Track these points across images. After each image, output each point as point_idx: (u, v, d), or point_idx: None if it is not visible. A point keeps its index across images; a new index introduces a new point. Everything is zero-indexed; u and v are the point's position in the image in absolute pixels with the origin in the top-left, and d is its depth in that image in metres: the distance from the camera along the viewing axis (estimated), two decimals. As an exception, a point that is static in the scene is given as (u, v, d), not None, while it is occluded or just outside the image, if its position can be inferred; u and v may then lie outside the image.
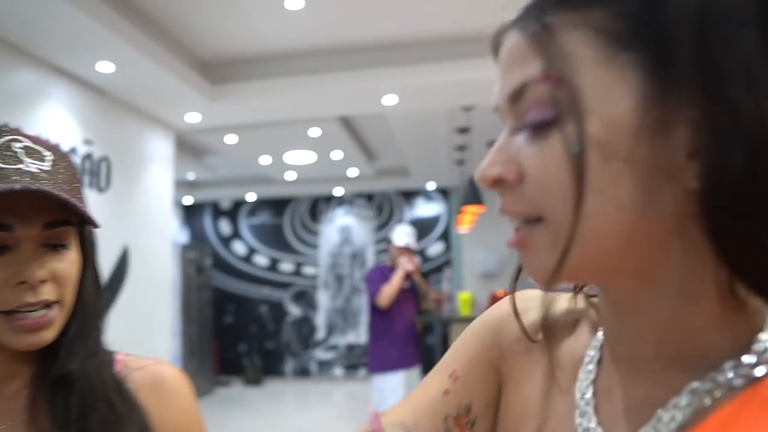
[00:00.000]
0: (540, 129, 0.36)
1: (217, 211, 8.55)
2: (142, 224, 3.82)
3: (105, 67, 3.13)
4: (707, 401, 0.34)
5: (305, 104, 3.91)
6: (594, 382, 0.43)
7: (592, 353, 0.45)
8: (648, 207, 0.34)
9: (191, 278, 7.35)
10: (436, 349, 7.58)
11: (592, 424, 0.41)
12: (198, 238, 8.44)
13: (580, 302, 0.49)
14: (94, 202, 3.23)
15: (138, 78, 3.32)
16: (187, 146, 5.77)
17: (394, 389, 4.00)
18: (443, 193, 8.11)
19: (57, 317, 0.65)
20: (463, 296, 4.44)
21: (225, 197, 8.41)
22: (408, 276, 4.11)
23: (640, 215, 0.34)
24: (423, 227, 7.99)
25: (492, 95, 0.41)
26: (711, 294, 0.35)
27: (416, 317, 4.25)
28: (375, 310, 4.13)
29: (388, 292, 3.98)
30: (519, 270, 0.47)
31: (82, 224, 0.70)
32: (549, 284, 0.37)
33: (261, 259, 8.38)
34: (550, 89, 0.35)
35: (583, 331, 0.48)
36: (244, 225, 8.47)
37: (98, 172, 3.40)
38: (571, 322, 0.49)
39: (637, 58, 0.33)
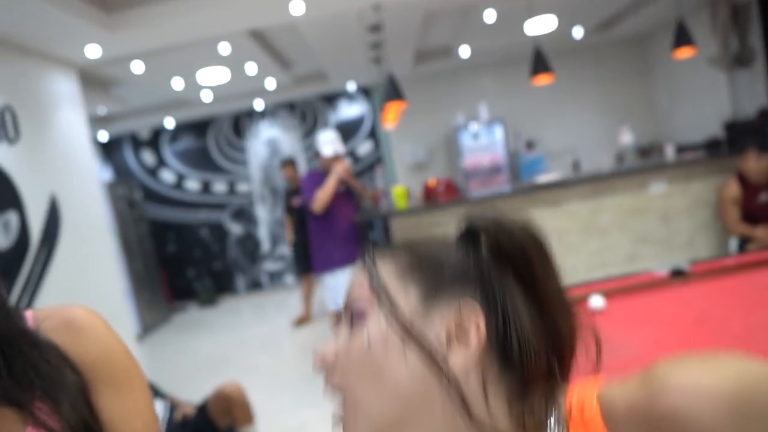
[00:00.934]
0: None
1: (137, 143, 8.26)
2: (63, 170, 3.72)
3: (-14, 9, 2.91)
4: None
5: (210, 22, 3.77)
6: None
7: None
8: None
9: (125, 214, 7.23)
10: (380, 241, 7.92)
11: None
12: (122, 173, 8.20)
13: None
14: (5, 155, 3.11)
15: (27, 18, 3.11)
16: (92, 80, 5.47)
17: (345, 285, 4.25)
18: (365, 92, 8.09)
19: None
20: (398, 190, 4.64)
21: (143, 127, 8.10)
22: (342, 180, 4.25)
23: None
24: (349, 128, 8.03)
25: None
26: None
27: (354, 216, 4.45)
28: (313, 215, 4.28)
29: (322, 197, 4.12)
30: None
31: None
32: None
33: (192, 184, 8.27)
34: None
35: None
36: (168, 152, 8.26)
37: (3, 123, 3.25)
38: None
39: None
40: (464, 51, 6.75)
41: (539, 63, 4.47)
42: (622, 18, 6.48)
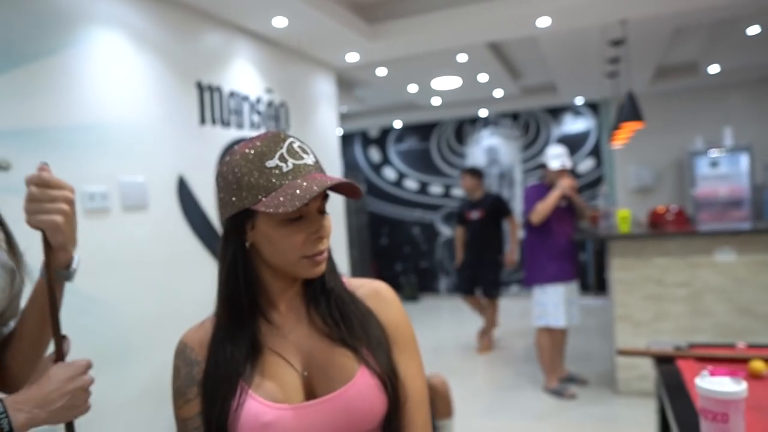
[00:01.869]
0: None
1: (367, 140, 8.99)
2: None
3: (279, 22, 3.46)
4: None
5: (457, 34, 4.01)
6: None
7: None
8: None
9: (349, 204, 7.94)
10: (589, 264, 7.60)
11: None
12: (350, 166, 8.99)
13: None
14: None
15: (307, 28, 3.62)
16: (341, 81, 6.11)
17: (555, 303, 4.19)
18: (592, 107, 7.81)
19: (326, 255, 0.96)
20: (622, 213, 4.43)
21: (373, 126, 8.79)
22: (565, 196, 4.20)
23: None
24: (572, 143, 7.82)
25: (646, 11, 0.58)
26: None
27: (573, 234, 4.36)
28: (531, 226, 4.29)
29: (542, 209, 4.12)
30: None
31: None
32: None
33: (411, 183, 8.76)
34: None
35: None
36: (393, 151, 8.85)
37: (279, 116, 3.83)
38: None
39: None
40: (713, 68, 6.17)
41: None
42: None
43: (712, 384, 1.17)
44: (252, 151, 0.89)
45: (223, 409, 0.89)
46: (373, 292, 1.03)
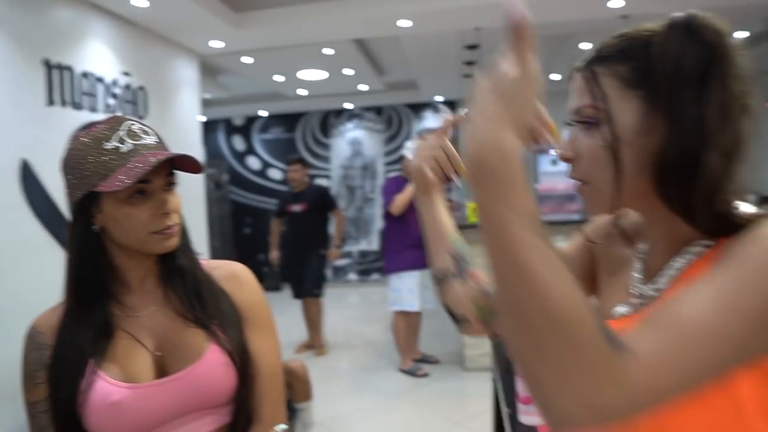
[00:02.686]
0: (588, 128, 0.70)
1: (231, 128, 8.80)
2: (176, 148, 4.12)
3: (139, 1, 3.33)
4: (690, 258, 0.68)
5: (323, 29, 4.11)
6: (643, 262, 0.77)
7: (641, 248, 0.79)
8: (640, 171, 0.66)
9: (210, 193, 7.74)
10: (445, 254, 8.10)
11: (638, 283, 0.75)
12: (213, 154, 8.75)
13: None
14: (135, 129, 3.54)
15: (169, 11, 3.52)
16: (204, 68, 5.95)
17: (410, 289, 4.46)
18: (451, 105, 8.30)
19: (177, 230, 1.00)
20: (472, 204, 4.83)
21: (237, 114, 8.62)
22: None
23: (641, 178, 0.67)
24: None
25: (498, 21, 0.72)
26: (677, 221, 0.67)
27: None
28: (389, 216, 4.52)
29: (401, 201, 4.36)
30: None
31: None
32: (601, 215, 0.73)
33: (275, 173, 8.73)
34: (593, 111, 0.68)
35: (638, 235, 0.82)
36: (257, 140, 8.75)
37: (137, 101, 3.68)
38: (634, 229, 0.82)
39: (638, 94, 0.66)
40: (554, 76, 6.85)
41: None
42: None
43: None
44: (91, 136, 0.93)
45: (71, 391, 0.91)
46: (230, 273, 1.09)
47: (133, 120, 0.97)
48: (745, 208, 0.64)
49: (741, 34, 5.29)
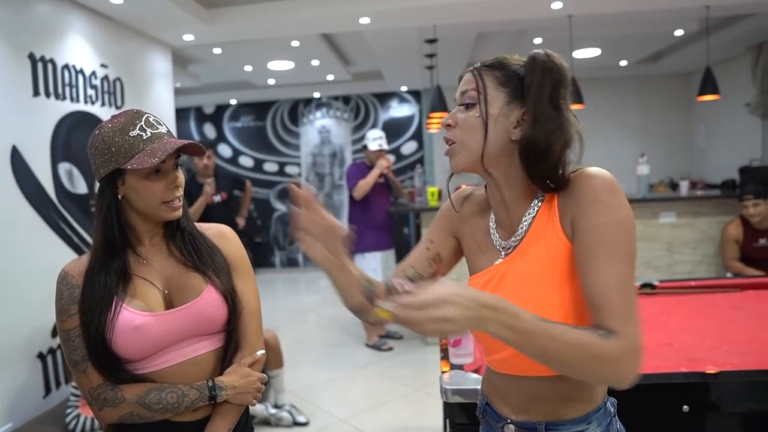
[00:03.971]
0: (467, 108, 1.05)
1: (201, 116, 8.98)
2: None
3: (116, -2, 3.57)
4: (536, 209, 1.04)
5: (289, 24, 4.38)
6: (496, 229, 1.12)
7: (492, 219, 1.14)
8: (500, 141, 1.02)
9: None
10: (411, 236, 8.46)
11: (499, 240, 1.10)
12: (185, 141, 8.90)
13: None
14: (113, 118, 3.78)
15: (143, 6, 3.75)
16: (175, 57, 6.14)
17: (373, 269, 4.79)
18: (415, 95, 8.62)
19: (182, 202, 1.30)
20: (432, 189, 5.18)
21: (208, 102, 8.80)
22: (382, 174, 4.81)
23: (498, 146, 1.02)
24: (397, 127, 8.58)
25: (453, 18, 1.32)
26: (524, 183, 1.04)
27: (390, 207, 5.00)
28: (353, 200, 4.85)
29: (363, 186, 4.68)
30: (451, 174, 1.15)
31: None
32: (460, 171, 1.06)
33: (246, 161, 8.95)
34: (475, 93, 1.03)
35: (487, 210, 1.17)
36: (228, 128, 8.95)
37: (114, 91, 3.91)
38: (485, 204, 1.18)
39: (505, 91, 1.02)
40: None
41: (574, 93, 4.93)
42: (664, 54, 6.86)
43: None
44: (116, 125, 1.21)
45: (100, 320, 1.20)
46: (218, 233, 1.41)
47: (148, 113, 1.26)
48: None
49: (678, 33, 5.73)
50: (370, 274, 4.03)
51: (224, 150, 8.96)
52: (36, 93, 3.20)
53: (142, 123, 1.22)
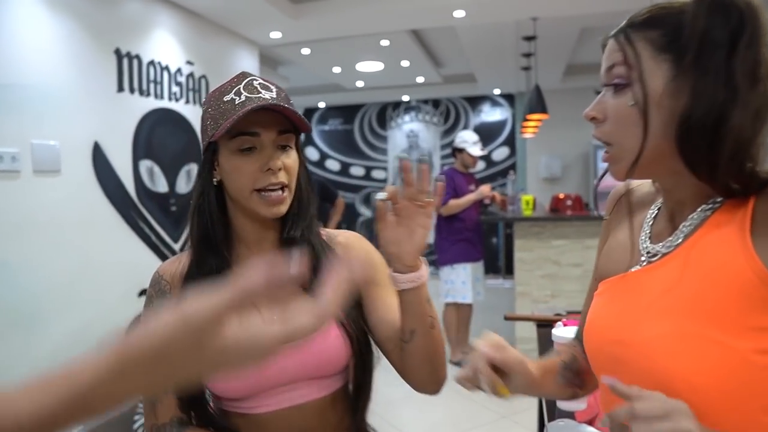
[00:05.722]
0: (616, 90, 0.72)
1: (291, 119, 9.00)
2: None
3: (203, -7, 3.48)
4: (705, 215, 0.71)
5: (379, 19, 4.16)
6: (651, 226, 0.80)
7: (650, 212, 0.82)
8: (665, 132, 0.69)
9: (271, 182, 7.97)
10: (500, 247, 8.03)
11: (648, 243, 0.78)
12: (274, 144, 8.97)
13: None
14: (197, 117, 3.70)
15: (230, 2, 3.66)
16: (265, 59, 6.12)
17: (462, 281, 4.46)
18: (508, 98, 8.20)
19: (287, 197, 0.98)
20: (526, 198, 4.77)
21: (297, 105, 8.74)
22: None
23: (662, 138, 0.69)
24: (489, 132, 8.19)
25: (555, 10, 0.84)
26: (692, 178, 0.69)
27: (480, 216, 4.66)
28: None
29: (453, 208, 4.35)
30: (603, 174, 0.82)
31: (298, 134, 1.01)
32: (624, 179, 0.75)
33: (333, 164, 8.87)
34: (625, 69, 0.71)
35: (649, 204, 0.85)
36: (316, 131, 8.92)
37: (199, 89, 3.85)
38: (648, 198, 0.86)
39: (668, 58, 0.69)
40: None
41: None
42: None
43: (561, 331, 1.41)
44: (216, 92, 0.98)
45: None
46: (346, 243, 1.10)
47: (256, 76, 0.99)
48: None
49: None
50: (459, 286, 3.60)
51: (311, 153, 8.93)
52: (120, 89, 3.16)
53: (241, 86, 0.96)
